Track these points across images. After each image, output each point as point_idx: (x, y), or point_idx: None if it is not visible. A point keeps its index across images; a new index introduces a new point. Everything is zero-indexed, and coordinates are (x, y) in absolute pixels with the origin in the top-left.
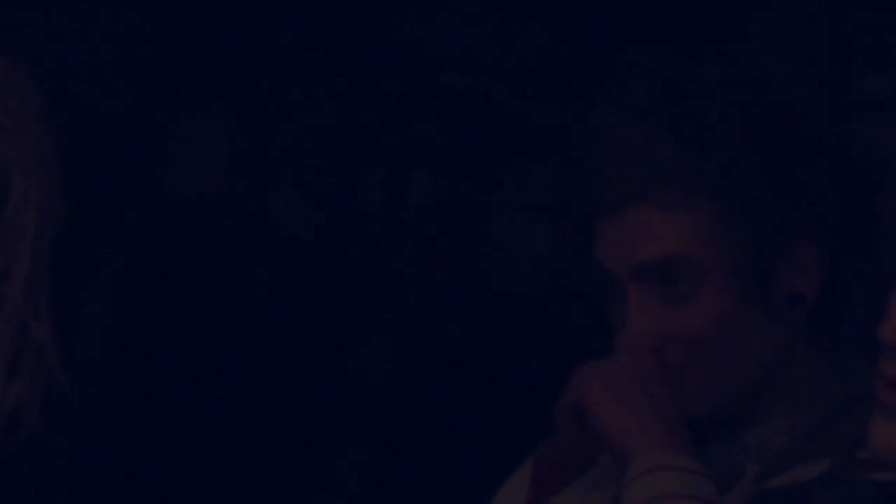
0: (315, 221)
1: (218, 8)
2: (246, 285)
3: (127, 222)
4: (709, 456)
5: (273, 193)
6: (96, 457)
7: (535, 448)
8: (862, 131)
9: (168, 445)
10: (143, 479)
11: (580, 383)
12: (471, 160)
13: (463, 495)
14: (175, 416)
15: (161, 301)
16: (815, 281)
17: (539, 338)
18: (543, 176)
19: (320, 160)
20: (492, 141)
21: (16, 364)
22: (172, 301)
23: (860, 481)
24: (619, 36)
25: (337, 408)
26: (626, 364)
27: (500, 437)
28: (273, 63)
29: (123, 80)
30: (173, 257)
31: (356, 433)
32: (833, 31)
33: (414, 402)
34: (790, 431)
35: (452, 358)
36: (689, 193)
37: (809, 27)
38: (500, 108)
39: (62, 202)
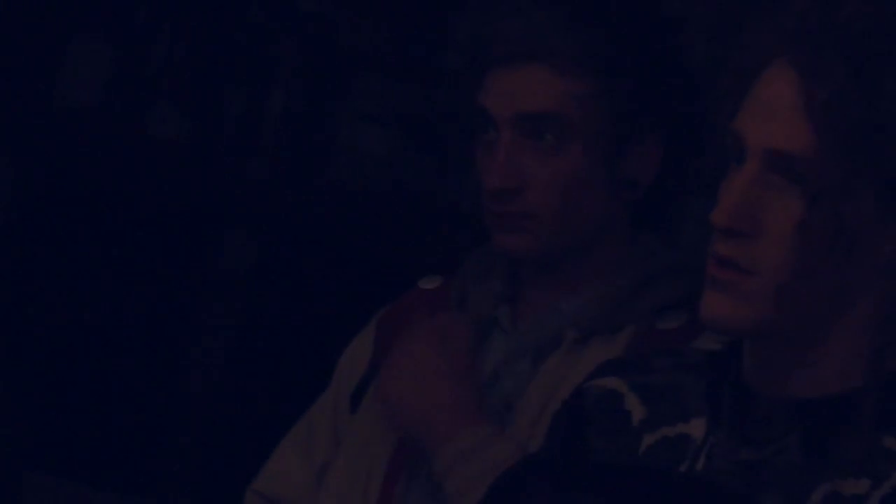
0: (187, 130)
1: None
2: (123, 184)
3: (21, 130)
4: (533, 324)
5: (150, 105)
6: None
7: (377, 314)
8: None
9: (58, 314)
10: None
11: (386, 366)
12: (320, 77)
13: (316, 356)
14: (60, 295)
15: (50, 198)
16: (651, 171)
17: (378, 226)
18: (383, 89)
19: (192, 77)
20: (338, 60)
21: None
22: (61, 197)
23: (691, 351)
24: None
25: (203, 290)
26: (425, 341)
27: (347, 309)
28: None
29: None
30: (64, 158)
31: (222, 310)
32: None
33: (271, 283)
34: (601, 300)
35: (305, 244)
36: (577, 62)
37: None
38: (345, 32)
39: None
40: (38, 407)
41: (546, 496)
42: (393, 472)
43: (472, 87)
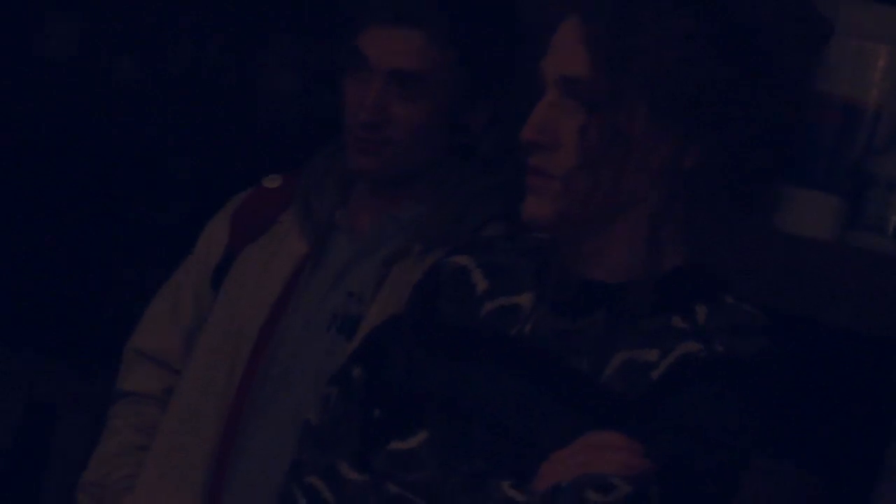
0: (140, 78)
1: None
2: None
3: None
4: (373, 229)
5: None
6: None
7: (231, 201)
8: None
9: None
10: None
11: None
12: (246, 32)
13: (182, 234)
14: None
15: None
16: (482, 121)
17: (281, 146)
18: (297, 43)
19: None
20: (258, 18)
21: None
22: None
23: (528, 238)
24: None
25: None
26: None
27: (212, 191)
28: None
29: None
30: None
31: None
32: None
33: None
34: (437, 214)
35: (209, 148)
36: (444, 33)
37: None
38: None
39: None
40: None
41: (403, 349)
42: (259, 348)
43: (355, 35)
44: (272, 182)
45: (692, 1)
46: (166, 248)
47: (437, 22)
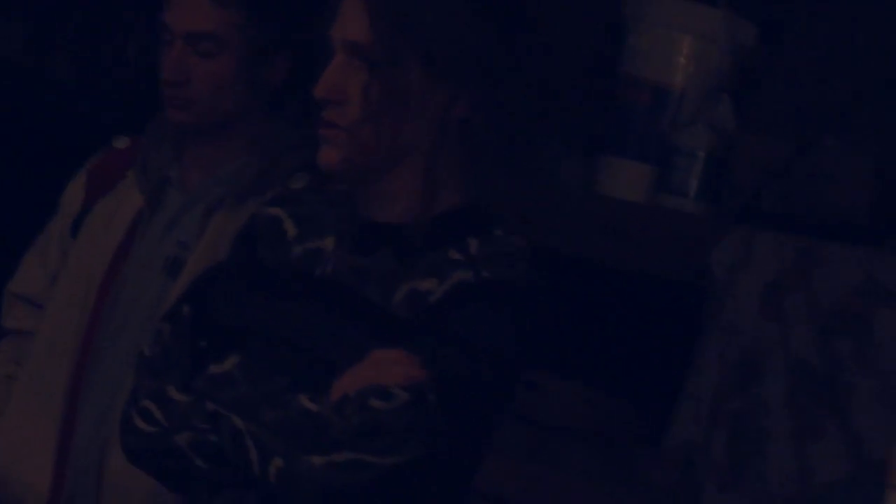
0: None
1: None
2: None
3: None
4: (199, 185)
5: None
6: None
7: (89, 161)
8: None
9: None
10: None
11: None
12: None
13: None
14: None
15: None
16: (280, 76)
17: None
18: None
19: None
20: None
21: None
22: None
23: (331, 190)
24: None
25: None
26: None
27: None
28: None
29: None
30: None
31: None
32: None
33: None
34: (250, 169)
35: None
36: None
37: None
38: None
39: None
40: None
41: (226, 290)
42: (104, 290)
43: (160, 8)
44: (121, 143)
45: None
46: None
47: None
